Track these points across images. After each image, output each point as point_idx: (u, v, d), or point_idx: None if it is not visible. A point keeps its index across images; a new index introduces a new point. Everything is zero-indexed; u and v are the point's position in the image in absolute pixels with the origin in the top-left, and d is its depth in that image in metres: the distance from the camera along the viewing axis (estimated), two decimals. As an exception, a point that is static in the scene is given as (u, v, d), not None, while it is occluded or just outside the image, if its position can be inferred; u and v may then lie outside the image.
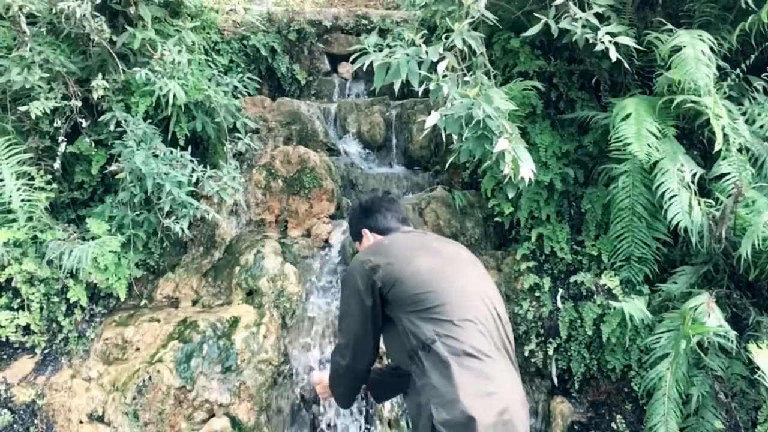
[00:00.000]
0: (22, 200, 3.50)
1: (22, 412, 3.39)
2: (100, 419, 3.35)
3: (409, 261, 2.15)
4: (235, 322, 3.61)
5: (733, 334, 3.19)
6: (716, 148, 3.39)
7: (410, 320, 2.05)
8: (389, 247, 2.24)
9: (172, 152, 3.76)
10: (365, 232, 2.47)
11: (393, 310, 2.12)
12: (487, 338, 2.02)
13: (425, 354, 1.98)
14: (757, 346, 3.12)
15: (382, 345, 2.27)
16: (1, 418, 3.33)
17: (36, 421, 3.38)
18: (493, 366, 1.98)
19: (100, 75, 3.67)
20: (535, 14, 3.50)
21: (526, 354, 3.83)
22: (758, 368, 3.05)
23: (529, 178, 3.16)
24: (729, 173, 3.47)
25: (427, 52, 3.27)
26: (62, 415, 3.35)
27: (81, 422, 3.33)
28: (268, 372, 3.54)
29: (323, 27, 5.79)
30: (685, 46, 3.41)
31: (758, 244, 3.14)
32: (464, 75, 3.43)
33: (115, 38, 3.74)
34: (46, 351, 3.61)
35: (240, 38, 5.36)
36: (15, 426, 3.35)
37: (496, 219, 4.24)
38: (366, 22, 5.86)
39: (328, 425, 3.66)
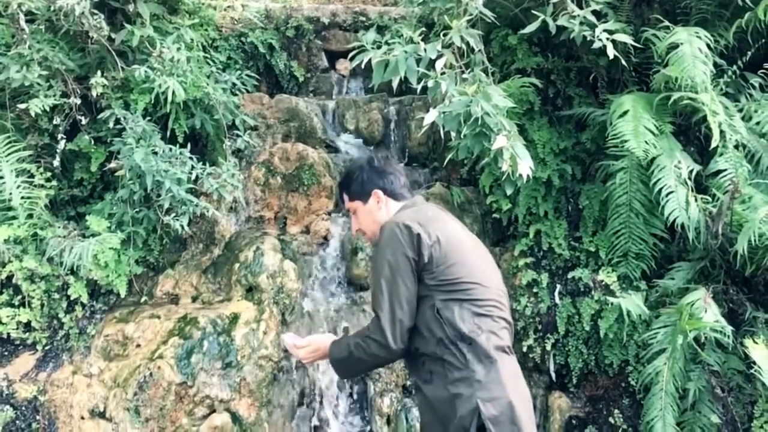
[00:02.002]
0: (22, 197, 3.51)
1: (24, 408, 3.40)
2: (102, 415, 3.37)
3: (460, 244, 2.04)
4: (235, 318, 3.63)
5: (729, 329, 3.21)
6: (713, 144, 3.42)
7: (447, 306, 1.96)
8: (436, 221, 2.07)
9: (171, 149, 3.77)
10: (377, 193, 2.23)
11: (425, 291, 1.98)
12: (511, 336, 2.08)
13: (467, 346, 1.93)
14: (753, 341, 3.15)
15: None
16: (3, 414, 3.35)
17: (38, 417, 3.40)
18: (516, 362, 2.06)
19: (98, 72, 3.68)
20: (532, 11, 3.51)
21: (525, 349, 3.85)
22: (754, 363, 3.09)
23: (527, 175, 3.18)
24: (726, 169, 3.50)
25: (425, 50, 3.29)
26: (64, 411, 3.37)
27: (82, 418, 3.35)
28: (268, 368, 3.56)
29: (321, 23, 5.78)
30: (682, 44, 3.43)
31: (754, 240, 3.16)
32: (462, 72, 3.44)
33: (113, 35, 3.75)
34: (47, 347, 3.62)
35: (238, 35, 5.36)
36: (17, 422, 3.37)
37: (494, 215, 4.26)
38: (364, 18, 5.86)
39: (321, 420, 3.69)
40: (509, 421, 1.86)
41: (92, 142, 3.82)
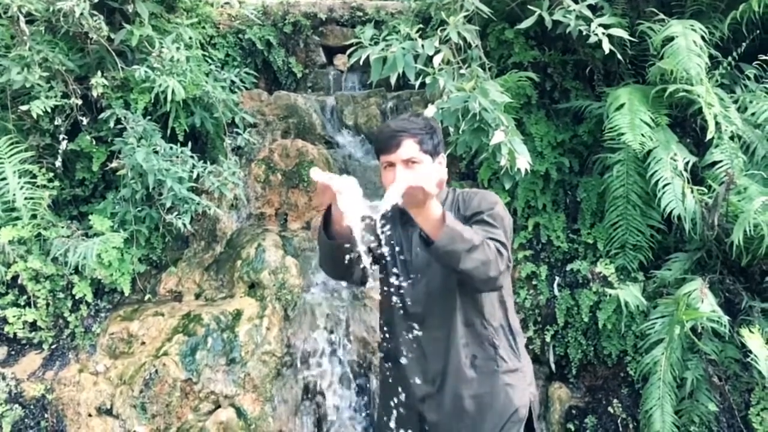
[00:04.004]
0: (26, 198, 3.54)
1: (32, 406, 3.45)
2: (109, 412, 3.42)
3: None
4: (238, 314, 3.67)
5: (726, 318, 3.25)
6: (708, 136, 3.44)
7: (507, 298, 2.01)
8: None
9: (172, 148, 3.79)
10: (444, 158, 2.01)
11: None
12: None
13: (519, 339, 2.04)
14: (749, 330, 3.19)
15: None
16: (12, 413, 3.39)
17: (46, 416, 3.44)
18: None
19: (98, 72, 3.69)
20: (528, 5, 3.54)
21: (525, 341, 3.90)
22: (750, 352, 3.13)
23: (525, 169, 3.21)
24: (721, 161, 3.52)
25: (422, 46, 3.32)
26: (71, 408, 3.42)
27: (90, 415, 3.40)
28: (272, 363, 3.60)
29: (318, 19, 5.79)
30: (677, 36, 3.45)
31: (750, 231, 3.19)
32: (460, 68, 3.47)
33: (112, 35, 3.76)
34: (53, 346, 3.66)
35: (235, 32, 5.37)
36: (26, 420, 3.42)
37: (493, 209, 4.28)
38: (361, 13, 5.86)
39: (325, 414, 3.73)
40: (540, 417, 1.99)
41: (93, 141, 3.84)
